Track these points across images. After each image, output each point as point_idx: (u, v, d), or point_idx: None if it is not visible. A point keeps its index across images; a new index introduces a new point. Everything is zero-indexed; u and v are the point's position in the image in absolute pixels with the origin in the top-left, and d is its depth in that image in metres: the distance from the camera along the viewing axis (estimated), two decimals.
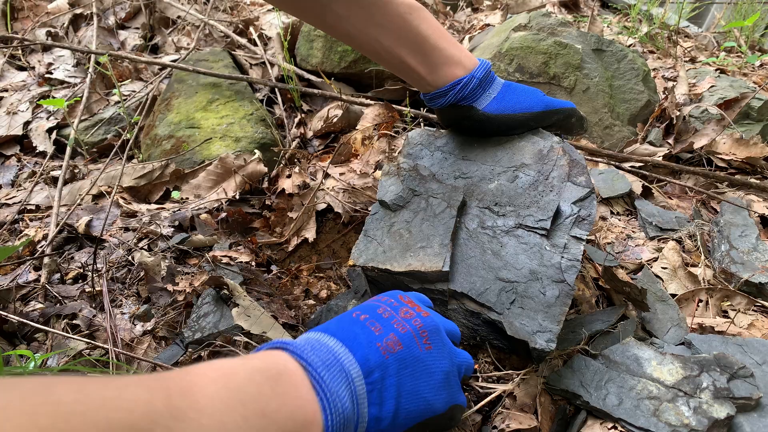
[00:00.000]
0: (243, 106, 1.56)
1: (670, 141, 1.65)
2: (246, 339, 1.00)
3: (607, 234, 1.35)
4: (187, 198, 1.38)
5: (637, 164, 1.57)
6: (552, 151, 1.08)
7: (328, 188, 1.40)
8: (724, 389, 0.91)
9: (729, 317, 1.14)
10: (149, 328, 1.07)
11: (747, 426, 0.89)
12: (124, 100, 1.74)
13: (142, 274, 1.17)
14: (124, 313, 1.09)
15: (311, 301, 1.24)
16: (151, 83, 1.82)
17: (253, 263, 1.24)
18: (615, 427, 0.88)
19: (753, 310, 1.16)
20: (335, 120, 1.59)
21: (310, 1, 0.75)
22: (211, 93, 1.58)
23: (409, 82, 0.89)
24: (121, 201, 1.37)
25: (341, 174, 1.44)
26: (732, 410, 0.89)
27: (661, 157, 1.59)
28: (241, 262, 1.22)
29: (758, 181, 1.58)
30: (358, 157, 1.49)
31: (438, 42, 0.80)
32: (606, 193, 1.45)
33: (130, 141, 1.53)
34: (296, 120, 1.66)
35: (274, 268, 1.26)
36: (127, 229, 1.29)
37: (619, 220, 1.41)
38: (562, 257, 0.95)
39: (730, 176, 1.59)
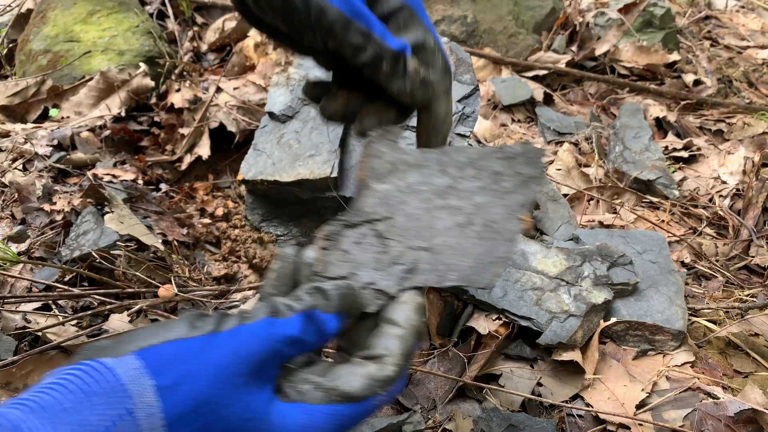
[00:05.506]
0: (128, 17, 1.46)
1: (574, 48, 1.65)
2: (126, 252, 0.95)
3: (506, 140, 1.35)
4: (68, 116, 1.29)
5: (541, 72, 1.57)
6: None
7: (221, 104, 1.33)
8: (604, 276, 0.94)
9: (618, 213, 1.17)
10: (24, 249, 1.00)
11: (624, 309, 0.93)
12: None
13: (16, 195, 1.10)
14: None
15: (206, 220, 1.20)
16: None
17: (140, 181, 1.18)
18: (499, 318, 0.90)
19: (641, 205, 1.20)
20: (230, 31, 1.50)
21: None
22: (92, 4, 1.46)
23: None
24: None
25: (235, 88, 1.38)
26: (609, 295, 0.92)
27: (564, 65, 1.59)
28: (125, 180, 1.15)
29: (656, 87, 1.61)
30: (255, 70, 1.42)
31: None
32: (507, 100, 1.45)
33: (0, 57, 1.40)
34: (189, 34, 1.57)
35: (163, 186, 1.21)
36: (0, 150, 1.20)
37: (520, 126, 1.41)
38: None
39: (631, 83, 1.61)
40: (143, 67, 1.33)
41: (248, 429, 0.42)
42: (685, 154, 1.35)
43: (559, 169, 1.23)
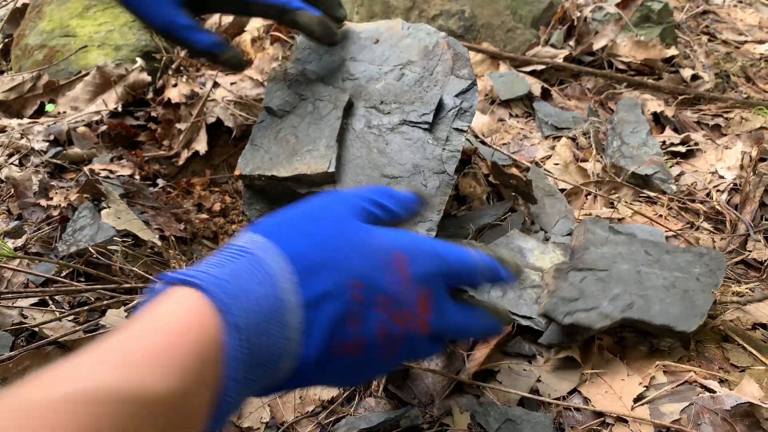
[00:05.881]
0: (124, 12, 1.45)
1: (572, 43, 1.65)
2: (123, 248, 0.95)
3: (504, 135, 1.35)
4: (64, 111, 1.29)
5: (539, 67, 1.57)
6: (437, 47, 1.05)
7: (218, 99, 1.33)
8: None
9: (615, 208, 1.17)
10: (20, 245, 1.00)
11: None
12: None
13: (12, 190, 1.10)
14: None
15: (204, 215, 1.20)
16: None
17: (137, 177, 1.18)
18: None
19: (638, 200, 1.20)
20: (227, 26, 1.50)
21: None
22: None
23: None
24: None
25: (232, 83, 1.37)
26: None
27: (562, 59, 1.59)
28: (122, 175, 1.15)
29: (654, 82, 1.60)
30: (252, 65, 1.42)
31: None
32: (505, 95, 1.44)
33: None
34: None
35: (160, 181, 1.21)
36: None
37: (517, 121, 1.41)
38: (444, 149, 0.94)
39: (629, 78, 1.61)
40: (140, 62, 1.33)
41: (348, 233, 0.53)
42: (682, 148, 1.35)
43: (556, 164, 1.23)
